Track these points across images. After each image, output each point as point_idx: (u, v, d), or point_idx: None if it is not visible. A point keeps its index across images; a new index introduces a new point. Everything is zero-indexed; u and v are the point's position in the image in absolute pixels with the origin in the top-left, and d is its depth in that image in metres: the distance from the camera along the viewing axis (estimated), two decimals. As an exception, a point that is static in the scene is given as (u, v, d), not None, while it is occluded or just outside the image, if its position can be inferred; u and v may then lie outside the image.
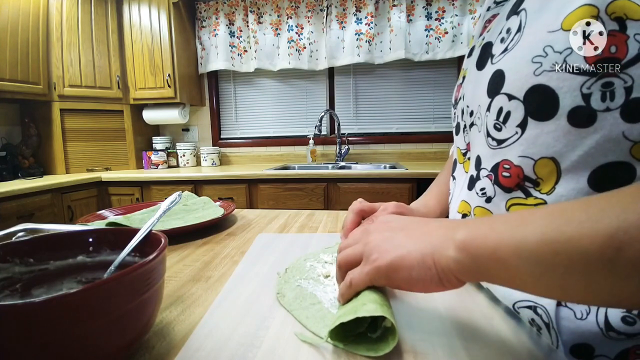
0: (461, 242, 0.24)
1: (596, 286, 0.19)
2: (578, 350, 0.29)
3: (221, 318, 0.33)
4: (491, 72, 0.34)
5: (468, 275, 0.25)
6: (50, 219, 1.65)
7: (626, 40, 0.25)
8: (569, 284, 0.20)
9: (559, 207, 0.22)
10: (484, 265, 0.23)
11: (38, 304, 0.19)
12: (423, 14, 2.05)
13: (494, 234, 0.23)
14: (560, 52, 0.28)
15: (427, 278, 0.26)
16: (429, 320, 0.32)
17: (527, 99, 0.30)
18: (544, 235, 0.20)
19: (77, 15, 1.99)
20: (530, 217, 0.22)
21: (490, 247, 0.23)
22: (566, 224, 0.20)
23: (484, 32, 0.41)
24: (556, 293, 0.22)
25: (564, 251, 0.19)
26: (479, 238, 0.23)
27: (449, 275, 0.25)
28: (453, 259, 0.24)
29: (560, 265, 0.20)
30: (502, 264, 0.22)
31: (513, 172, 0.32)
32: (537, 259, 0.20)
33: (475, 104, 0.38)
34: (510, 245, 0.22)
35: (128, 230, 0.34)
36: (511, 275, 0.22)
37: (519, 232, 0.22)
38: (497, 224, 0.24)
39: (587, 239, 0.19)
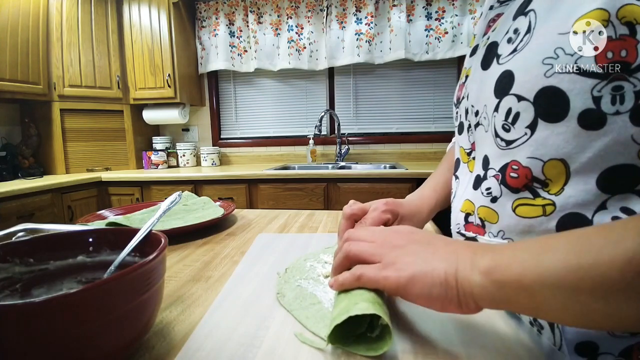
0: (485, 268, 0.24)
1: (619, 311, 0.20)
2: (582, 348, 0.29)
3: (221, 318, 0.33)
4: (498, 72, 0.34)
5: (489, 302, 0.25)
6: (50, 219, 1.65)
7: (636, 45, 0.25)
8: (593, 310, 0.20)
9: (578, 233, 0.22)
10: (508, 293, 0.23)
11: (38, 304, 0.19)
12: (423, 14, 2.05)
13: (517, 262, 0.23)
14: (571, 55, 0.28)
15: (447, 299, 0.26)
16: (429, 320, 0.32)
17: (537, 101, 0.30)
18: (567, 263, 0.21)
19: (77, 15, 1.99)
20: (551, 243, 0.23)
21: (515, 275, 0.23)
22: (587, 251, 0.20)
23: (489, 32, 0.40)
24: (581, 320, 0.22)
25: (587, 278, 0.20)
26: (502, 266, 0.24)
27: (469, 299, 0.25)
28: (476, 284, 0.24)
29: (585, 292, 0.20)
30: (527, 292, 0.22)
31: (521, 172, 0.32)
32: (562, 286, 0.21)
33: (481, 104, 0.37)
34: (535, 274, 0.22)
35: (128, 230, 0.34)
36: (536, 303, 0.22)
37: (542, 260, 0.22)
38: (519, 251, 0.24)
39: (608, 264, 0.19)
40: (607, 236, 0.20)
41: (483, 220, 0.38)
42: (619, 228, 0.20)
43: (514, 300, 0.23)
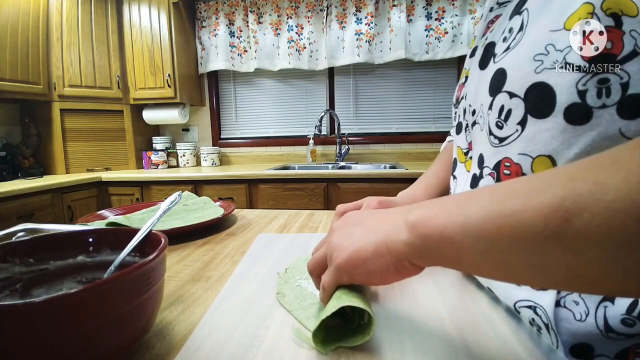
0: (412, 223, 0.24)
1: (544, 263, 0.18)
2: (578, 350, 0.29)
3: (221, 318, 0.33)
4: (493, 70, 0.34)
5: (421, 258, 0.24)
6: (50, 219, 1.65)
7: (622, 37, 0.25)
8: (514, 262, 0.19)
9: (508, 182, 0.21)
10: (434, 246, 0.23)
11: (38, 304, 0.19)
12: (423, 14, 2.05)
13: (443, 213, 0.22)
14: (561, 51, 0.28)
15: (383, 267, 0.25)
16: (429, 320, 0.32)
17: (527, 97, 0.30)
18: (488, 210, 0.20)
19: (77, 15, 1.99)
20: (479, 193, 0.22)
21: (440, 226, 0.22)
22: (510, 198, 0.19)
23: (487, 33, 0.41)
24: (503, 272, 0.21)
25: (507, 225, 0.19)
26: (428, 218, 0.23)
27: (403, 261, 0.25)
28: (405, 242, 0.24)
29: (504, 240, 0.19)
30: (450, 243, 0.22)
31: (513, 169, 0.33)
32: (481, 235, 0.20)
33: (478, 102, 0.38)
34: (457, 223, 0.21)
35: (128, 230, 0.34)
36: (459, 255, 0.22)
37: (466, 209, 0.21)
38: (448, 203, 0.23)
39: (531, 210, 0.18)
40: (533, 183, 0.19)
41: None
42: (550, 175, 0.19)
43: (440, 253, 0.23)
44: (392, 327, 0.31)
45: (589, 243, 0.16)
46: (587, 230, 0.16)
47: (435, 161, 0.62)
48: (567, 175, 0.18)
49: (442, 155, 0.63)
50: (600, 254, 0.16)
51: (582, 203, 0.16)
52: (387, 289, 0.38)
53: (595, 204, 0.16)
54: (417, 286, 0.39)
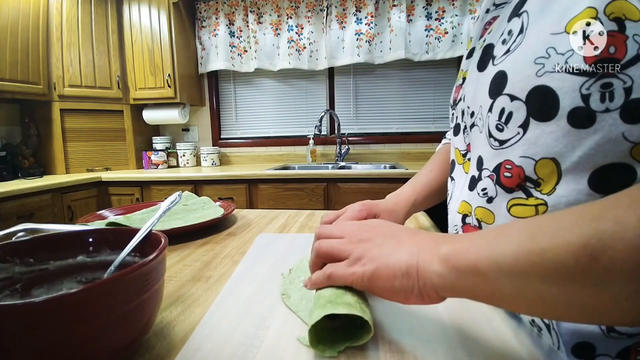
0: (444, 256, 0.24)
1: (574, 298, 0.19)
2: (579, 349, 0.29)
3: (221, 318, 0.33)
4: (493, 73, 0.34)
5: (449, 290, 0.24)
6: (50, 219, 1.65)
7: (625, 41, 0.25)
8: (547, 297, 0.20)
9: (535, 219, 0.22)
10: (465, 280, 0.23)
11: (38, 304, 0.19)
12: (423, 14, 2.05)
13: (474, 248, 0.23)
14: (562, 54, 0.28)
15: (409, 289, 0.26)
16: (430, 320, 0.32)
17: (529, 100, 0.30)
18: (519, 247, 0.20)
19: (77, 15, 1.98)
20: (507, 230, 0.23)
21: (472, 261, 0.23)
22: (541, 235, 0.20)
23: (485, 34, 0.41)
24: (537, 308, 0.21)
25: (539, 262, 0.19)
26: (460, 252, 0.24)
27: (430, 289, 0.25)
28: (436, 273, 0.24)
29: (537, 277, 0.20)
30: (482, 277, 0.22)
31: (514, 172, 0.33)
32: (514, 271, 0.20)
33: (477, 105, 0.38)
34: (489, 259, 0.22)
35: (128, 230, 0.34)
36: (492, 290, 0.22)
37: (497, 245, 0.22)
38: (477, 238, 0.24)
39: (561, 248, 0.19)
40: (562, 221, 0.20)
41: (480, 221, 0.38)
42: (575, 213, 0.20)
43: (471, 287, 0.23)
44: (392, 327, 0.31)
45: (616, 278, 0.17)
46: (613, 266, 0.17)
47: (428, 163, 0.62)
48: (591, 214, 0.19)
49: (435, 156, 0.63)
50: (627, 287, 0.17)
51: (606, 241, 0.17)
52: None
53: (619, 242, 0.17)
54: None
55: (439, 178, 0.57)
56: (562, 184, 0.30)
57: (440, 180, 0.57)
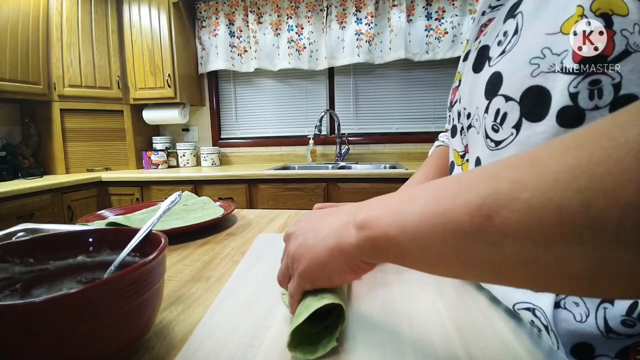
0: (359, 224, 0.25)
1: (471, 258, 0.19)
2: (579, 350, 0.29)
3: (221, 318, 0.33)
4: (489, 74, 0.34)
5: (370, 257, 0.25)
6: (50, 219, 1.65)
7: (613, 37, 0.25)
8: (448, 258, 0.20)
9: (440, 182, 0.22)
10: (380, 246, 0.23)
11: (38, 304, 0.19)
12: (423, 14, 2.05)
13: (387, 214, 0.23)
14: (558, 54, 0.28)
15: (340, 269, 0.26)
16: (429, 320, 0.32)
17: (522, 100, 0.30)
18: (423, 210, 0.21)
19: (77, 15, 1.99)
20: (417, 192, 0.23)
21: (384, 227, 0.23)
22: (443, 197, 0.20)
23: (480, 36, 0.41)
24: (440, 268, 0.22)
25: (439, 224, 0.20)
26: (373, 219, 0.24)
27: (356, 261, 0.26)
28: (354, 245, 0.25)
29: (438, 238, 0.20)
30: (393, 243, 0.22)
31: None
32: (419, 234, 0.21)
33: (473, 106, 0.38)
34: (398, 223, 0.22)
35: (128, 230, 0.34)
36: (402, 253, 0.22)
37: (405, 209, 0.22)
38: (391, 203, 0.24)
39: (459, 208, 0.19)
40: (462, 182, 0.20)
41: None
42: (476, 173, 0.20)
43: (386, 252, 0.23)
44: (392, 327, 0.31)
45: (509, 240, 0.17)
46: (507, 227, 0.17)
47: (421, 167, 0.62)
48: (491, 174, 0.19)
49: (428, 161, 0.63)
50: (520, 250, 0.17)
51: (502, 200, 0.17)
52: (386, 290, 0.38)
53: (514, 202, 0.16)
54: (417, 286, 0.39)
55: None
56: None
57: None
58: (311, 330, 0.29)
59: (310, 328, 0.29)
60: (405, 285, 0.39)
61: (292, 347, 0.26)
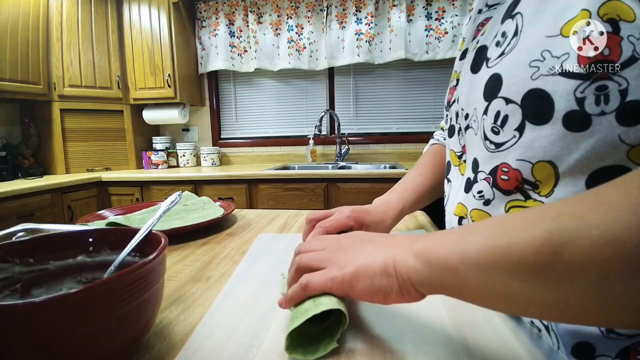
0: (418, 251, 0.25)
1: (537, 293, 0.19)
2: (579, 350, 0.29)
3: (221, 318, 0.33)
4: (487, 75, 0.34)
5: (425, 285, 0.25)
6: (50, 219, 1.65)
7: (620, 42, 0.25)
8: (511, 291, 0.20)
9: (505, 216, 0.23)
10: (437, 274, 0.23)
11: (38, 304, 0.19)
12: (423, 14, 2.05)
13: (446, 244, 0.24)
14: (558, 57, 0.27)
15: (388, 287, 0.26)
16: (430, 320, 0.32)
17: (524, 103, 0.30)
18: (486, 242, 0.21)
19: (77, 15, 1.98)
20: (478, 226, 0.23)
21: (443, 256, 0.23)
22: (506, 231, 0.20)
23: (478, 35, 0.41)
24: (502, 303, 0.22)
25: (503, 256, 0.20)
26: (433, 248, 0.24)
27: (408, 285, 0.25)
28: (412, 268, 0.25)
29: (502, 271, 0.20)
30: (452, 271, 0.22)
31: (511, 175, 0.32)
32: (480, 264, 0.21)
33: (471, 107, 0.38)
34: (459, 254, 0.22)
35: (128, 230, 0.34)
36: (462, 284, 0.22)
37: (466, 240, 0.22)
38: (450, 234, 0.24)
39: (524, 243, 0.19)
40: (528, 217, 0.20)
41: None
42: (541, 210, 0.20)
43: (444, 281, 0.23)
44: (392, 327, 0.31)
45: (578, 274, 0.17)
46: (575, 262, 0.17)
47: (415, 166, 0.62)
48: (556, 211, 0.19)
49: (422, 159, 0.63)
50: (588, 284, 0.17)
51: (568, 236, 0.17)
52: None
53: (581, 238, 0.17)
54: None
55: (427, 182, 0.57)
56: (560, 186, 0.30)
57: (429, 184, 0.57)
58: (311, 331, 0.29)
59: (310, 328, 0.29)
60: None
61: (291, 349, 0.26)
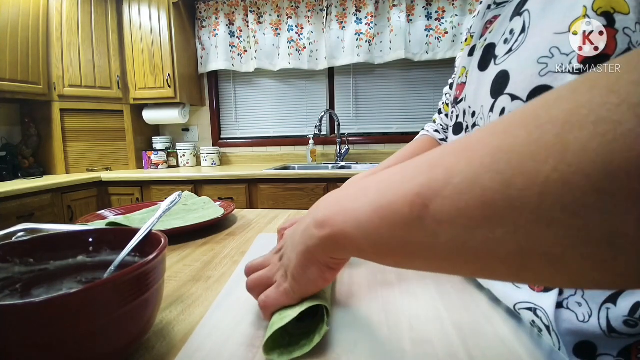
0: (319, 223, 0.25)
1: (415, 248, 0.19)
2: (580, 349, 0.29)
3: (221, 318, 0.33)
4: (495, 72, 0.34)
5: (335, 253, 0.25)
6: (50, 219, 1.65)
7: (615, 35, 0.25)
8: (396, 249, 0.20)
9: (388, 171, 0.22)
10: (340, 243, 0.24)
11: (38, 304, 0.19)
12: (423, 14, 2.05)
13: (342, 212, 0.24)
14: (567, 55, 0.27)
15: (319, 272, 0.27)
16: (430, 320, 0.32)
17: (529, 100, 0.30)
18: (372, 204, 0.21)
19: (77, 15, 1.99)
20: (368, 185, 0.23)
21: (339, 225, 0.23)
22: (388, 188, 0.20)
23: (486, 33, 0.41)
24: (392, 260, 0.22)
25: (386, 217, 0.20)
26: (330, 217, 0.24)
27: (326, 260, 0.26)
28: (317, 245, 0.25)
29: (386, 230, 0.20)
30: (350, 240, 0.23)
31: None
32: (370, 228, 0.21)
33: (478, 104, 0.37)
34: (352, 221, 0.22)
35: (128, 230, 0.34)
36: (359, 249, 0.23)
37: (357, 206, 0.22)
38: (346, 198, 0.24)
39: (401, 199, 0.19)
40: (405, 172, 0.20)
41: None
42: (416, 162, 0.20)
43: (345, 248, 0.24)
44: (392, 327, 0.31)
45: (443, 226, 0.17)
46: (441, 214, 0.17)
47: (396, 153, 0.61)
48: (429, 162, 0.19)
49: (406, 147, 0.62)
50: (453, 237, 0.17)
51: (435, 188, 0.17)
52: (386, 290, 0.38)
53: (445, 188, 0.17)
54: (417, 286, 0.39)
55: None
56: None
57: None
58: (296, 331, 0.29)
59: (295, 329, 0.29)
60: (405, 285, 0.39)
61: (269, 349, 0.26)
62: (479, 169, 0.15)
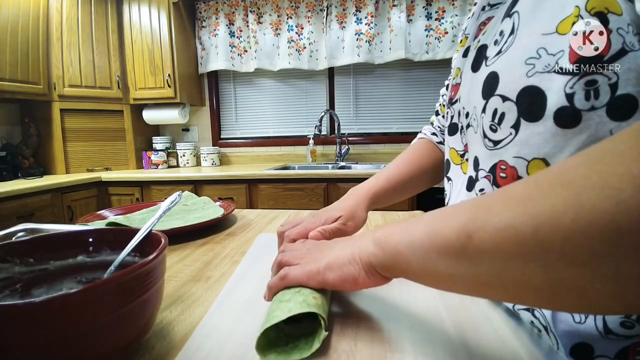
0: (377, 239, 0.28)
1: (459, 273, 0.22)
2: (577, 350, 0.29)
3: (221, 318, 0.33)
4: (485, 74, 0.34)
5: (384, 268, 0.28)
6: (50, 219, 1.65)
7: (609, 35, 0.25)
8: (441, 271, 0.23)
9: (442, 208, 0.25)
10: (392, 258, 0.27)
11: (38, 304, 0.19)
12: (423, 14, 2.05)
13: (397, 232, 0.27)
14: (553, 55, 0.27)
15: (355, 273, 0.29)
16: (430, 320, 0.32)
17: (519, 100, 0.30)
18: (424, 230, 0.24)
19: (77, 15, 1.99)
20: (423, 217, 0.26)
21: (394, 242, 0.26)
22: (439, 219, 0.24)
23: (479, 35, 0.41)
24: (434, 282, 0.25)
25: (435, 241, 0.23)
26: (387, 236, 0.28)
27: (371, 269, 0.28)
28: (372, 253, 0.28)
29: (434, 253, 0.23)
30: (401, 256, 0.26)
31: (509, 172, 0.33)
32: (421, 249, 0.24)
33: (471, 105, 0.38)
34: (405, 239, 0.26)
35: (128, 230, 0.34)
36: (408, 266, 0.26)
37: (411, 229, 0.26)
38: (403, 224, 0.27)
39: (448, 229, 0.22)
40: (456, 208, 0.23)
41: None
42: (466, 202, 0.23)
43: (396, 264, 0.27)
44: (392, 328, 0.31)
45: (484, 256, 0.20)
46: (482, 245, 0.20)
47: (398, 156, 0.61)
48: (475, 202, 0.22)
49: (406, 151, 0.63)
50: (493, 265, 0.20)
51: (479, 224, 0.20)
52: (386, 290, 0.38)
53: (487, 225, 0.20)
54: (417, 287, 0.39)
55: (403, 173, 0.57)
56: None
57: (405, 175, 0.57)
58: (292, 333, 0.29)
59: (291, 331, 0.29)
60: (405, 285, 0.39)
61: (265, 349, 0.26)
62: (515, 213, 0.19)
